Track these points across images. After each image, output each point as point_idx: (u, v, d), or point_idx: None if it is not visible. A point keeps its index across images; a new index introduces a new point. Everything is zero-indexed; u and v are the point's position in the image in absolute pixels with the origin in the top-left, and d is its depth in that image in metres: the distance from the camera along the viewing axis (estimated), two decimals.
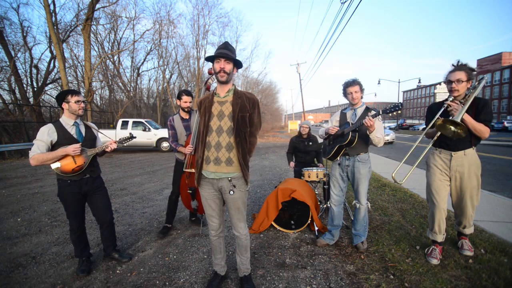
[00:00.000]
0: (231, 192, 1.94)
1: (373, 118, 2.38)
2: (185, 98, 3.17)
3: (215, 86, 2.10)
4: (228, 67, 1.89)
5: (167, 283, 2.29)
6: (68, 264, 2.63)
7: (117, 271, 2.48)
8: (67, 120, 2.38)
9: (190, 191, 3.13)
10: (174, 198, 3.33)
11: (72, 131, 2.38)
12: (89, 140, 2.48)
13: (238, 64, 1.97)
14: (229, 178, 1.94)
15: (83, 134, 2.45)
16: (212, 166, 1.93)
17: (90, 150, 2.41)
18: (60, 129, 2.33)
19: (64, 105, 2.35)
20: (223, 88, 1.97)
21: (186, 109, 3.22)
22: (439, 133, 2.41)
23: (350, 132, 2.60)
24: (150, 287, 2.24)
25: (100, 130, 2.68)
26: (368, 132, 2.50)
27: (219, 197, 2.05)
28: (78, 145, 2.31)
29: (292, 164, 4.52)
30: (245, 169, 1.95)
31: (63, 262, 2.67)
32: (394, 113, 2.42)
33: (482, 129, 2.22)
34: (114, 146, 2.48)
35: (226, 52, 1.88)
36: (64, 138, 2.32)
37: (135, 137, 2.76)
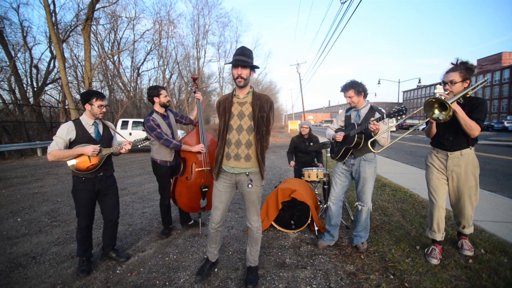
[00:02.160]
0: (250, 186, 2.11)
1: (377, 122, 2.36)
2: (164, 92, 3.09)
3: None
4: (245, 72, 2.01)
5: (167, 283, 2.29)
6: (68, 264, 2.63)
7: (117, 271, 2.48)
8: (87, 120, 2.44)
9: (205, 189, 3.10)
10: (167, 203, 3.21)
11: (91, 130, 2.44)
12: (106, 139, 2.54)
13: (254, 68, 2.10)
14: (247, 173, 2.10)
15: (101, 133, 2.51)
16: (232, 162, 2.08)
17: (105, 150, 2.46)
18: (80, 127, 2.39)
19: (87, 106, 2.41)
20: (242, 90, 2.11)
21: (167, 104, 3.10)
22: (434, 126, 2.44)
23: (356, 135, 2.59)
24: (150, 287, 2.24)
25: (119, 133, 2.75)
26: (373, 134, 2.48)
27: (231, 191, 2.21)
28: (97, 147, 2.37)
29: (292, 163, 4.52)
30: (262, 165, 2.11)
31: (63, 262, 2.67)
32: (399, 117, 2.33)
33: (472, 126, 2.20)
34: (129, 147, 2.54)
35: (242, 59, 2.00)
36: (82, 137, 2.38)
37: (149, 139, 2.83)
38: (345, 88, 2.67)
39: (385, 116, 2.39)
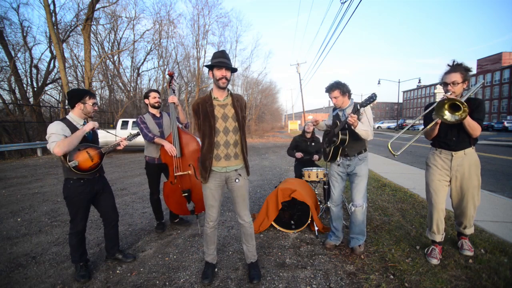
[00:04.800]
0: (237, 180, 2.20)
1: (353, 114, 2.38)
2: (153, 94, 3.31)
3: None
4: (228, 74, 2.10)
5: (167, 283, 2.29)
6: (68, 264, 2.63)
7: (117, 271, 2.48)
8: (77, 119, 2.34)
9: (186, 194, 3.10)
10: (156, 198, 3.39)
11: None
12: (96, 138, 2.52)
13: (233, 71, 2.18)
14: (236, 169, 2.21)
15: (91, 132, 2.46)
16: (223, 162, 2.17)
17: (104, 148, 2.41)
18: (71, 126, 2.28)
19: (79, 105, 2.32)
20: (222, 93, 2.16)
21: (156, 104, 3.29)
22: (436, 128, 2.42)
23: (340, 132, 2.58)
24: (150, 287, 2.24)
25: (109, 131, 2.74)
26: (353, 128, 2.46)
27: (222, 188, 2.28)
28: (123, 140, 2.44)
29: (299, 154, 4.47)
30: (247, 161, 2.27)
31: (63, 262, 2.67)
32: (371, 104, 2.39)
33: (475, 126, 2.24)
34: (125, 143, 2.55)
35: (227, 62, 2.07)
36: None
37: (139, 134, 2.93)
38: (330, 89, 2.66)
39: (358, 106, 2.41)
